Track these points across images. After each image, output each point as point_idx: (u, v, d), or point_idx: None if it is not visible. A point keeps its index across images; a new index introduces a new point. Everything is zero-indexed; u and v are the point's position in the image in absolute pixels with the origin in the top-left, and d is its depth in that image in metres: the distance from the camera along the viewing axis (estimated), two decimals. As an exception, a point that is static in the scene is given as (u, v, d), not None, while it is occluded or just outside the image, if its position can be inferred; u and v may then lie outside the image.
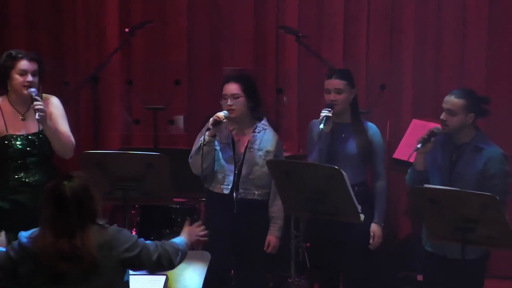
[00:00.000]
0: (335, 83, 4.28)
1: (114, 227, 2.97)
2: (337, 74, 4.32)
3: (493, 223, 3.45)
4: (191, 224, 3.32)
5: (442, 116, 3.97)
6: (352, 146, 4.28)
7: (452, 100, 3.96)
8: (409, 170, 4.12)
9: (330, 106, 4.22)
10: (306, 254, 5.30)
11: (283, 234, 4.36)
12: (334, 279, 4.41)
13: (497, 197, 3.44)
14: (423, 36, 5.66)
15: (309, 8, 5.94)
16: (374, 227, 4.26)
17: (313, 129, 4.32)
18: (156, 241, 3.05)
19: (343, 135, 4.30)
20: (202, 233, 3.31)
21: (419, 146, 3.96)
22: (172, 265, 3.08)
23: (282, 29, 5.73)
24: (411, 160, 4.14)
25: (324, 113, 4.17)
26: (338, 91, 4.27)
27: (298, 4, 5.95)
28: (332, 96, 4.26)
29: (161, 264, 3.03)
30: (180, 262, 3.10)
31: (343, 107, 4.28)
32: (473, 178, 3.92)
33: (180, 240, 3.17)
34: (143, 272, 3.08)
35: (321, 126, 4.13)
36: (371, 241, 4.24)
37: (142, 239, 3.02)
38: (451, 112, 3.94)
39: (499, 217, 3.42)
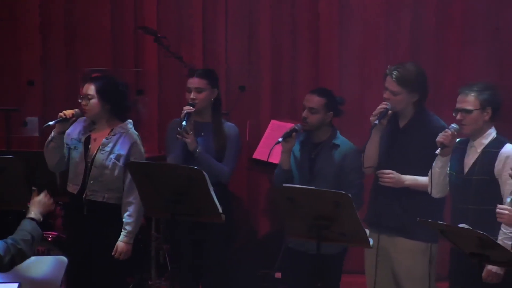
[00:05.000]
0: (196, 82, 4.32)
1: None
2: (198, 73, 4.36)
3: (346, 220, 3.58)
4: (38, 194, 3.25)
5: (304, 114, 4.12)
6: (210, 145, 4.32)
7: (314, 98, 4.14)
8: (276, 171, 4.22)
9: (192, 104, 4.26)
10: (167, 255, 5.27)
11: (144, 237, 4.31)
12: (194, 279, 4.41)
13: (349, 195, 3.57)
14: (279, 39, 5.81)
15: (168, 9, 5.92)
16: None
17: (173, 128, 4.33)
18: (8, 240, 2.92)
19: (202, 134, 4.33)
20: (51, 201, 3.27)
21: (280, 139, 4.08)
22: (27, 258, 3.03)
23: (141, 30, 5.67)
24: (272, 160, 4.23)
25: (186, 110, 4.21)
26: (198, 90, 4.31)
27: (157, 4, 5.91)
28: (192, 95, 4.29)
29: (14, 263, 2.96)
30: (36, 247, 3.08)
31: (202, 106, 4.31)
32: (331, 174, 4.09)
33: (30, 225, 3.06)
34: None
35: (184, 123, 4.16)
36: None
37: None
38: (312, 110, 4.10)
39: (351, 214, 3.56)
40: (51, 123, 4.14)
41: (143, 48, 5.95)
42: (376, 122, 3.92)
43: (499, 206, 3.44)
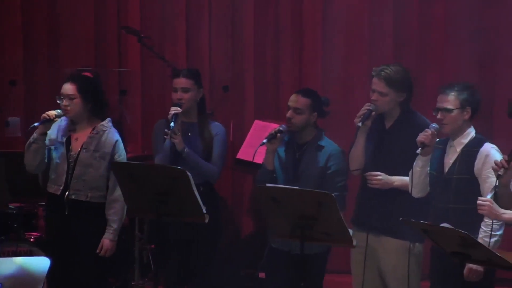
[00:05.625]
0: (182, 81, 4.33)
1: None
2: (184, 73, 4.37)
3: (329, 220, 3.59)
4: None
5: (288, 114, 4.12)
6: (197, 145, 4.33)
7: (299, 99, 4.13)
8: (259, 170, 4.22)
9: (179, 105, 4.26)
10: (150, 256, 5.26)
11: (127, 237, 4.30)
12: (182, 280, 4.41)
13: (333, 195, 3.59)
14: (263, 39, 5.82)
15: (151, 9, 5.91)
16: None
17: (159, 128, 4.33)
18: None
19: (189, 134, 4.34)
20: None
21: (265, 141, 4.08)
22: None
23: (124, 30, 5.66)
24: (256, 160, 4.24)
25: (173, 111, 4.21)
26: (185, 90, 4.32)
27: (140, 4, 5.90)
28: (179, 95, 4.30)
29: None
30: None
31: (189, 106, 4.33)
32: (316, 175, 4.09)
33: None
34: None
35: (172, 124, 4.16)
36: None
37: None
38: (297, 111, 4.10)
39: (334, 214, 3.57)
40: (36, 124, 4.14)
41: (126, 48, 5.94)
42: (360, 124, 3.94)
43: (480, 198, 3.47)
